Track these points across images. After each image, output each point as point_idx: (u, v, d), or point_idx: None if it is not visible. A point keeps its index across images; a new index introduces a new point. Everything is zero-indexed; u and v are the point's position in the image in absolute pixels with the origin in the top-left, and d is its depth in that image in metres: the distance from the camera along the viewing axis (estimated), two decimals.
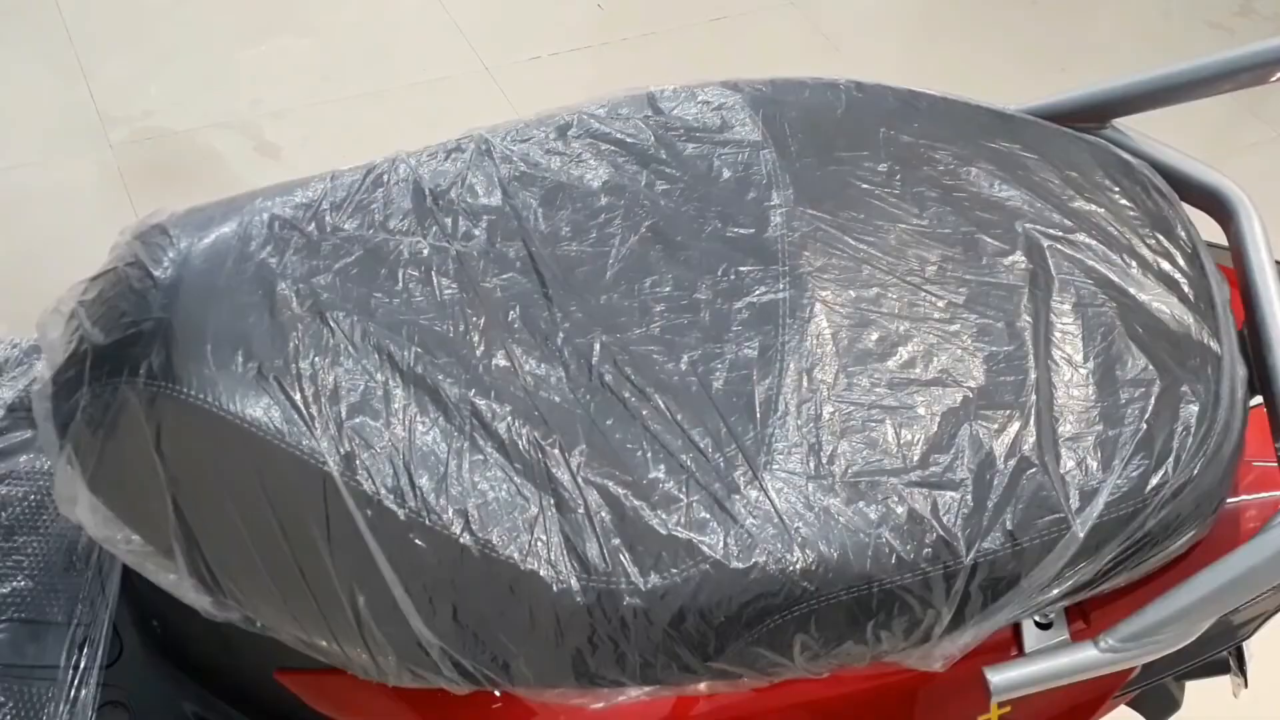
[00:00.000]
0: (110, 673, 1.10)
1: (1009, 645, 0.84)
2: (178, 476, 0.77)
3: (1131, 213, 0.90)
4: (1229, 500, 0.84)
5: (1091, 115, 1.00)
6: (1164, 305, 0.84)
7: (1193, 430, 0.79)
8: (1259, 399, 0.86)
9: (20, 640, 1.12)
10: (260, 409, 0.76)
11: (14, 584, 1.14)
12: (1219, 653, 1.02)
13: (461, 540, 0.73)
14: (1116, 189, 0.91)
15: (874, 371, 0.80)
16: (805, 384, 0.79)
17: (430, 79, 2.33)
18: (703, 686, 0.78)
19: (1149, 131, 1.00)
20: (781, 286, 0.83)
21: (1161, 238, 0.88)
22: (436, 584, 0.74)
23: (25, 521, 1.14)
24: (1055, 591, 0.76)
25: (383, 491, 0.74)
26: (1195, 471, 0.78)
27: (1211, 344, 0.83)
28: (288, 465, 0.75)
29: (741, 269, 0.84)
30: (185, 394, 0.76)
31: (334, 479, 0.74)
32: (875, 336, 0.81)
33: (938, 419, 0.78)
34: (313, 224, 0.85)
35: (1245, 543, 0.77)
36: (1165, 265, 0.87)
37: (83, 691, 1.10)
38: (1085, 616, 0.86)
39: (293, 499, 0.75)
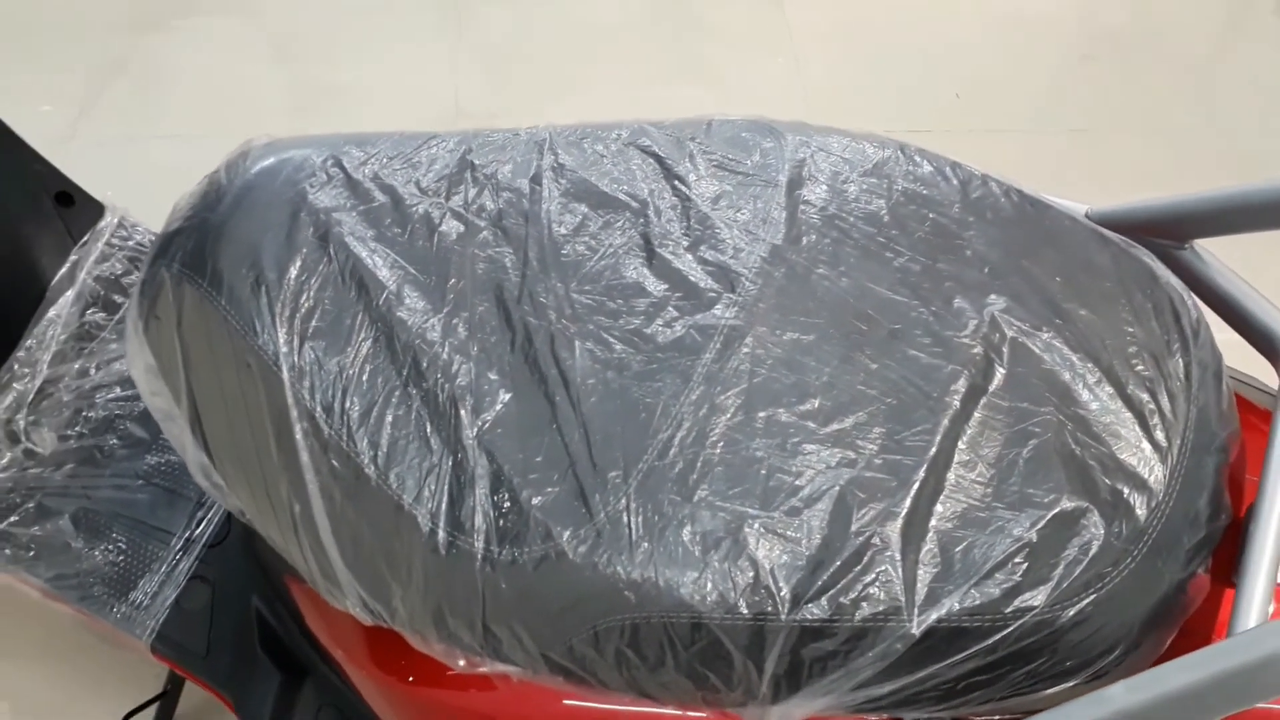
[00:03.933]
0: (211, 551, 1.23)
1: None
2: (190, 359, 0.87)
3: (1128, 329, 0.83)
4: None
5: (1170, 232, 0.93)
6: (1117, 429, 0.77)
7: (1084, 564, 0.72)
8: None
9: (157, 504, 1.28)
10: (248, 312, 0.84)
11: (169, 456, 1.30)
12: None
13: (366, 470, 0.78)
14: (1123, 300, 0.85)
15: (775, 413, 0.79)
16: (705, 409, 0.79)
17: None
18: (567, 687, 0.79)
19: None
20: (727, 315, 0.83)
21: (1149, 362, 0.81)
22: (344, 508, 0.80)
23: None
24: (889, 687, 0.72)
25: (319, 408, 0.81)
26: (1075, 609, 0.71)
27: (1153, 483, 0.75)
28: (257, 365, 0.83)
29: (699, 289, 0.85)
30: (200, 284, 0.86)
31: (285, 386, 0.81)
32: (791, 381, 0.80)
33: (813, 474, 0.76)
34: (360, 169, 0.94)
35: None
36: (1136, 390, 0.79)
37: (183, 562, 1.23)
38: None
39: (258, 399, 0.83)
